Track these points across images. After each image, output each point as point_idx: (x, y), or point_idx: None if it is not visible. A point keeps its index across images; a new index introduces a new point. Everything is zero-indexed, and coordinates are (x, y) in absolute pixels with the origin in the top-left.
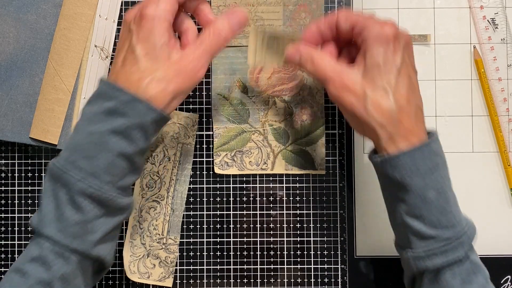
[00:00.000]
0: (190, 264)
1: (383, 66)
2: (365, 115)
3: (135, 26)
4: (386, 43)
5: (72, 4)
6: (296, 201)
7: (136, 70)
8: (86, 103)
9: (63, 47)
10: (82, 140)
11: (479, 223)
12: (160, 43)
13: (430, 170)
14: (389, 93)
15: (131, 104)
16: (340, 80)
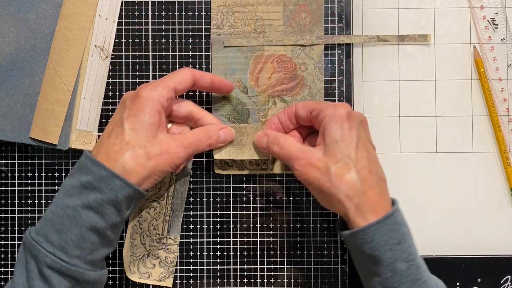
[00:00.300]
0: (190, 264)
1: (341, 142)
2: (331, 187)
3: (129, 102)
4: (341, 121)
5: (72, 4)
6: (296, 201)
7: (119, 142)
8: (69, 173)
9: (63, 47)
10: (56, 213)
11: (479, 223)
12: (149, 121)
13: (398, 242)
14: (350, 165)
15: (106, 180)
16: (304, 158)
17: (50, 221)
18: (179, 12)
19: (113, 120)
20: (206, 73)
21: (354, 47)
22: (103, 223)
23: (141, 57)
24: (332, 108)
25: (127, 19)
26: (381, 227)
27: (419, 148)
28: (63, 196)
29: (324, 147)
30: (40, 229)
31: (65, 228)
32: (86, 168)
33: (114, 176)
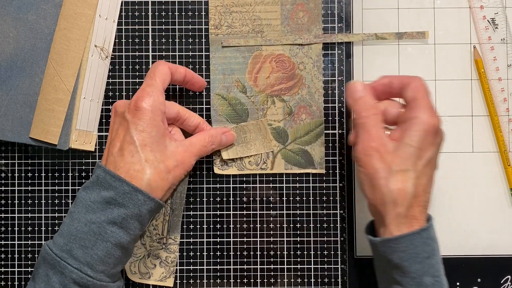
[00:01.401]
0: (190, 264)
1: (417, 151)
2: (384, 185)
3: (131, 116)
4: (427, 133)
5: (72, 4)
6: (296, 201)
7: (138, 161)
8: (83, 188)
9: (63, 47)
10: (80, 229)
11: (479, 223)
12: (158, 134)
13: (428, 256)
14: (412, 177)
15: (130, 195)
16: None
17: (74, 237)
18: (179, 12)
19: (118, 136)
20: (179, 66)
21: (354, 46)
22: (127, 238)
23: (141, 57)
24: (427, 114)
25: (127, 19)
26: (415, 239)
27: None
28: (85, 212)
29: (399, 144)
30: (63, 245)
31: (91, 244)
32: (106, 183)
33: (137, 191)
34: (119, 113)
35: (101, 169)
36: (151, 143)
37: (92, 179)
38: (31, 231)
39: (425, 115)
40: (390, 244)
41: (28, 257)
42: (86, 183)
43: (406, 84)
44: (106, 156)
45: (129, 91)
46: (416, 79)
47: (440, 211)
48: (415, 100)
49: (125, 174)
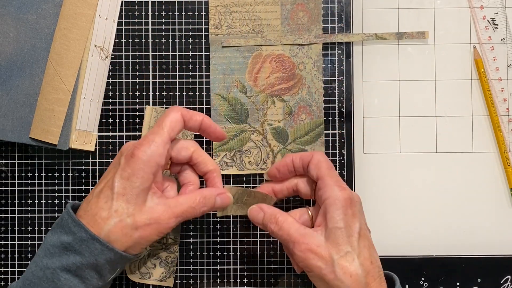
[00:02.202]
0: (190, 264)
1: (345, 230)
2: (334, 279)
3: (124, 162)
4: (345, 207)
5: (72, 4)
6: (296, 200)
7: (108, 208)
8: (51, 229)
9: (63, 47)
10: (36, 273)
11: (479, 223)
12: (141, 187)
13: None
14: (354, 257)
15: (87, 243)
16: (305, 243)
17: (29, 282)
18: (179, 12)
19: (106, 178)
20: (196, 113)
21: (354, 46)
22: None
23: (141, 57)
24: (336, 190)
25: (127, 19)
26: None
27: (419, 148)
28: (43, 255)
29: (326, 232)
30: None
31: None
32: (67, 227)
33: (95, 239)
34: (119, 155)
35: (66, 211)
36: (130, 193)
37: (58, 220)
38: (31, 231)
39: (335, 192)
40: None
41: (28, 257)
42: (53, 225)
43: (306, 162)
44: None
45: (129, 91)
46: (315, 155)
47: (440, 211)
48: (321, 179)
49: (90, 218)
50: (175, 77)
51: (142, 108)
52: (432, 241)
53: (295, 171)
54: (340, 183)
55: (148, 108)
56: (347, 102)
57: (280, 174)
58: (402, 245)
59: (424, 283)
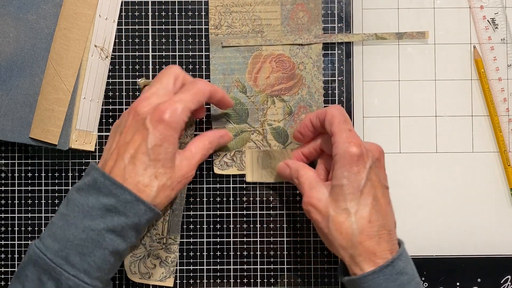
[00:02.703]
0: (190, 264)
1: (346, 187)
2: (328, 233)
3: (152, 126)
4: (350, 164)
5: (72, 4)
6: (296, 201)
7: (148, 175)
8: (76, 189)
9: (63, 47)
10: (77, 235)
11: (479, 223)
12: (173, 152)
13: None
14: (351, 215)
15: (131, 204)
16: (309, 196)
17: (71, 243)
18: (179, 12)
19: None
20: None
21: (354, 46)
22: (124, 246)
23: (141, 57)
24: (344, 146)
25: (127, 19)
26: (376, 278)
27: (419, 148)
28: (83, 217)
29: (331, 188)
30: (59, 250)
31: (89, 251)
32: (106, 189)
33: (140, 201)
34: (140, 116)
35: (99, 173)
36: (164, 159)
37: (88, 182)
38: (31, 231)
39: (342, 149)
40: (355, 284)
41: None
42: (79, 184)
43: (322, 119)
44: (111, 158)
45: (129, 91)
46: (330, 109)
47: (440, 211)
48: (333, 135)
49: (133, 186)
50: None
51: None
52: (432, 241)
53: (315, 130)
54: (351, 138)
55: None
56: (347, 102)
57: (303, 137)
58: None
59: (424, 283)
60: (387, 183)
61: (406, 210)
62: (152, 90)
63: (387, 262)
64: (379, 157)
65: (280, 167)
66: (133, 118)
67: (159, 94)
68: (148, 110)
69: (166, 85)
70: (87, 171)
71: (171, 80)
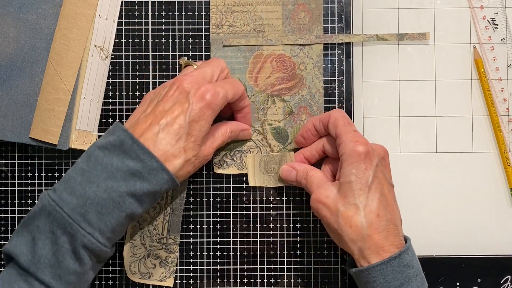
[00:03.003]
0: (190, 264)
1: (355, 183)
2: (338, 228)
3: (195, 101)
4: (357, 162)
5: (72, 4)
6: (296, 201)
7: (178, 147)
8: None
9: (63, 47)
10: (98, 194)
11: (479, 223)
12: (206, 131)
13: (401, 284)
14: (359, 209)
15: (156, 172)
16: (317, 193)
17: (91, 202)
18: (179, 12)
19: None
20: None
21: (354, 47)
22: (140, 210)
23: (141, 57)
24: (351, 145)
25: (127, 19)
26: (384, 269)
27: (419, 148)
28: (106, 177)
29: (339, 185)
30: (77, 206)
31: (108, 211)
32: (133, 153)
33: (164, 170)
34: (184, 90)
35: (127, 135)
36: (197, 135)
37: (113, 141)
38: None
39: (349, 148)
40: (363, 275)
41: None
42: (102, 142)
43: (325, 123)
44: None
45: (129, 91)
46: (333, 113)
47: (440, 211)
48: (338, 137)
49: (161, 153)
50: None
51: None
52: (432, 241)
53: (318, 134)
54: (357, 137)
55: None
56: (347, 102)
57: (306, 140)
58: None
59: None
60: (392, 181)
61: (406, 210)
62: (199, 71)
63: (395, 254)
64: (384, 156)
65: (285, 170)
66: (176, 89)
67: (204, 77)
68: (193, 86)
69: (212, 72)
70: (112, 129)
71: (217, 69)
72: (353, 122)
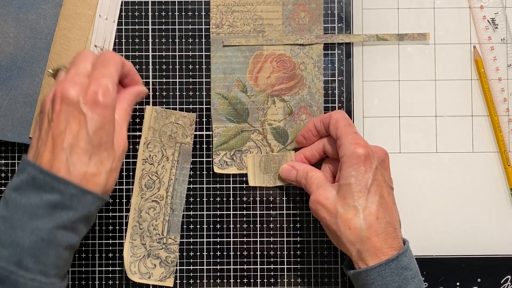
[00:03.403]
0: (190, 264)
1: (354, 186)
2: (336, 230)
3: (89, 110)
4: (357, 164)
5: (72, 4)
6: (296, 200)
7: (94, 164)
8: (13, 189)
9: (63, 47)
10: (26, 238)
11: (479, 223)
12: (112, 133)
13: (399, 286)
14: (358, 211)
15: (78, 197)
16: (317, 195)
17: (21, 248)
18: (179, 12)
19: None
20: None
21: (354, 47)
22: (76, 238)
23: (141, 57)
24: (351, 147)
25: (127, 19)
26: (382, 271)
27: (419, 148)
28: (28, 218)
29: (338, 187)
30: (10, 256)
31: (42, 252)
32: (47, 186)
33: (85, 193)
34: (70, 101)
35: (35, 169)
36: (106, 141)
37: (25, 180)
38: None
39: (349, 151)
40: (361, 277)
41: None
42: (15, 183)
43: (326, 123)
44: (46, 150)
45: None
46: (334, 114)
47: (440, 211)
48: (339, 138)
49: (81, 178)
50: (175, 77)
51: (142, 108)
52: (432, 241)
53: (319, 134)
54: (357, 139)
55: (148, 108)
56: (347, 102)
57: (306, 140)
58: None
59: (424, 283)
60: (392, 184)
61: (406, 210)
62: (72, 72)
63: (393, 256)
64: (384, 159)
65: (285, 169)
66: (62, 103)
67: (82, 73)
68: (77, 91)
69: (85, 67)
70: (21, 167)
71: (88, 63)
72: (353, 124)
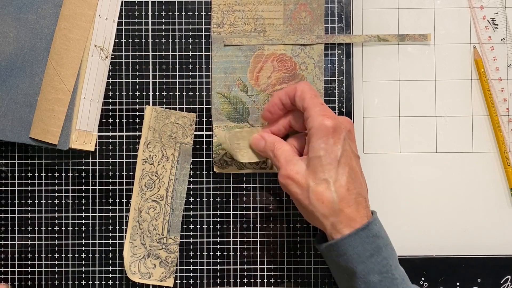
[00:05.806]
0: (190, 264)
1: (324, 158)
2: (309, 204)
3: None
4: (326, 136)
5: (72, 4)
6: None
7: None
8: None
9: (63, 47)
10: None
11: (479, 223)
12: None
13: (371, 255)
14: (330, 183)
15: None
16: (286, 169)
17: None
18: (179, 12)
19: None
20: None
21: (354, 47)
22: None
23: (141, 57)
24: (319, 119)
25: (127, 19)
26: (353, 240)
27: (419, 148)
28: None
29: (307, 160)
30: None
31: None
32: None
33: None
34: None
35: None
36: None
37: None
38: (31, 231)
39: (317, 122)
40: (333, 249)
41: (28, 257)
42: None
43: (292, 96)
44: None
45: (129, 91)
46: (299, 85)
47: (440, 211)
48: (306, 110)
49: None
50: (175, 77)
51: (142, 108)
52: (432, 241)
53: (285, 108)
54: (325, 111)
55: (148, 108)
56: (347, 102)
57: (272, 115)
58: (402, 245)
59: (424, 283)
60: (358, 153)
61: (406, 210)
62: None
63: (363, 225)
64: (350, 129)
65: (255, 138)
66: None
67: None
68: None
69: None
70: None
71: None
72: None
